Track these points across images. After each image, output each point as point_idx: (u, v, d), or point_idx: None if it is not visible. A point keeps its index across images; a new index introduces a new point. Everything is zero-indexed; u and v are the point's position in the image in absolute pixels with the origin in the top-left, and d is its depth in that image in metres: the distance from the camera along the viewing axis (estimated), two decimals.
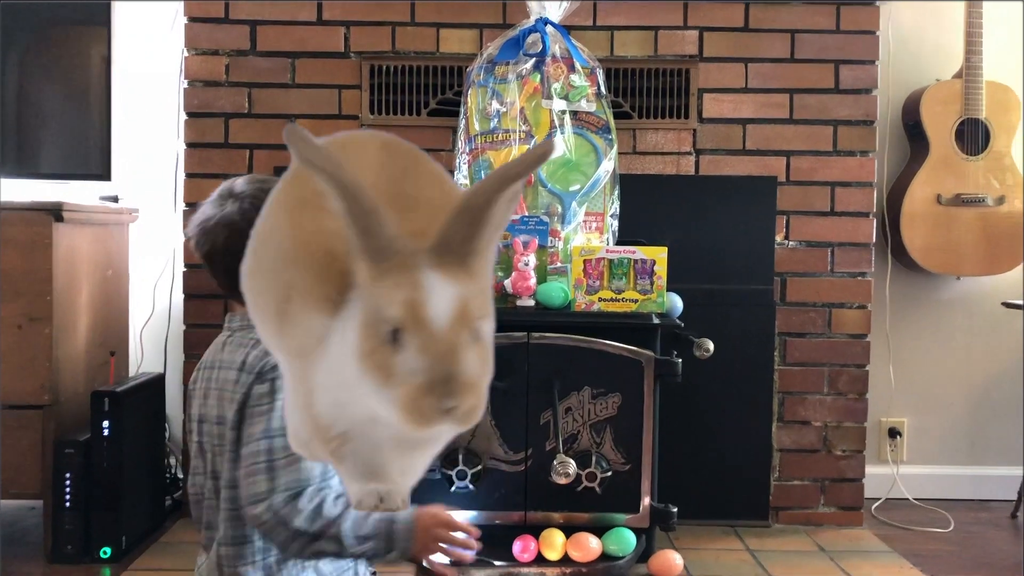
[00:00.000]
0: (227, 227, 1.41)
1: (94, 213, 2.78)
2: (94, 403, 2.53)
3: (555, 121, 2.59)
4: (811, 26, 2.95)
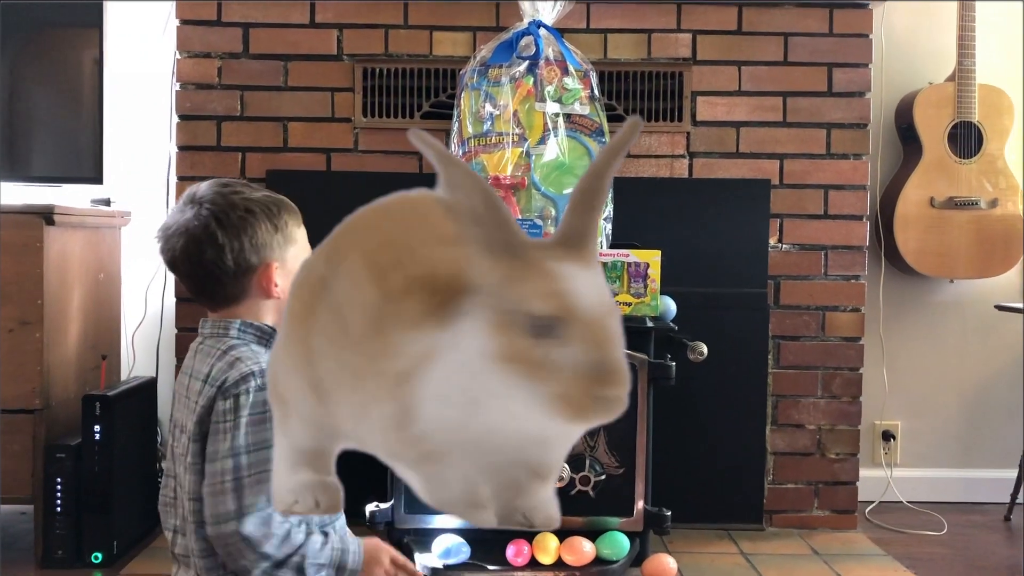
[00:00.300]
0: (183, 235, 1.42)
1: (86, 216, 2.77)
2: (85, 407, 2.51)
3: (548, 124, 2.59)
4: (804, 29, 2.95)
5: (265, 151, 2.93)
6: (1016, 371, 3.27)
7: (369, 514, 2.43)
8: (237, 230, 1.41)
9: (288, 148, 2.94)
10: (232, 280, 1.43)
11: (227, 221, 1.42)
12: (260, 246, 1.42)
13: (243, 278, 1.43)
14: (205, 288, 1.45)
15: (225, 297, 1.45)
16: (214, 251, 1.41)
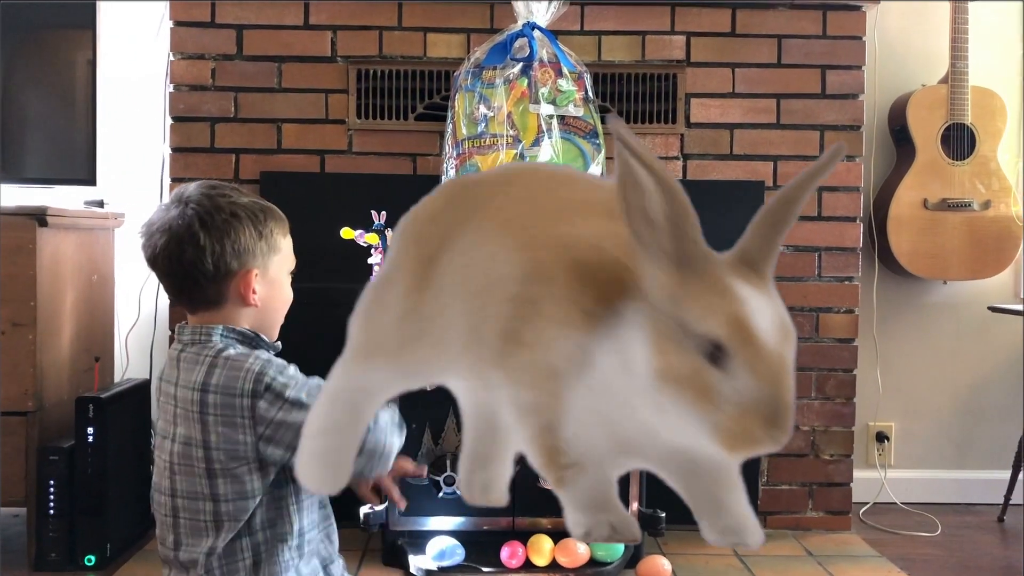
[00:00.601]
0: (166, 232, 1.41)
1: (79, 218, 2.76)
2: (78, 409, 2.51)
3: (543, 126, 2.59)
4: (797, 31, 2.96)
5: (259, 153, 2.92)
6: (1010, 372, 3.27)
7: (364, 516, 2.43)
8: (220, 233, 1.40)
9: (282, 150, 2.93)
10: (210, 283, 1.42)
11: (211, 223, 1.41)
12: (242, 251, 1.41)
13: (222, 282, 1.42)
14: (183, 289, 1.44)
15: (203, 300, 1.44)
16: (194, 251, 1.40)
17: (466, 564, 2.37)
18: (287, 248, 1.48)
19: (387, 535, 2.48)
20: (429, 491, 2.41)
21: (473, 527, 2.44)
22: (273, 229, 1.44)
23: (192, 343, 1.42)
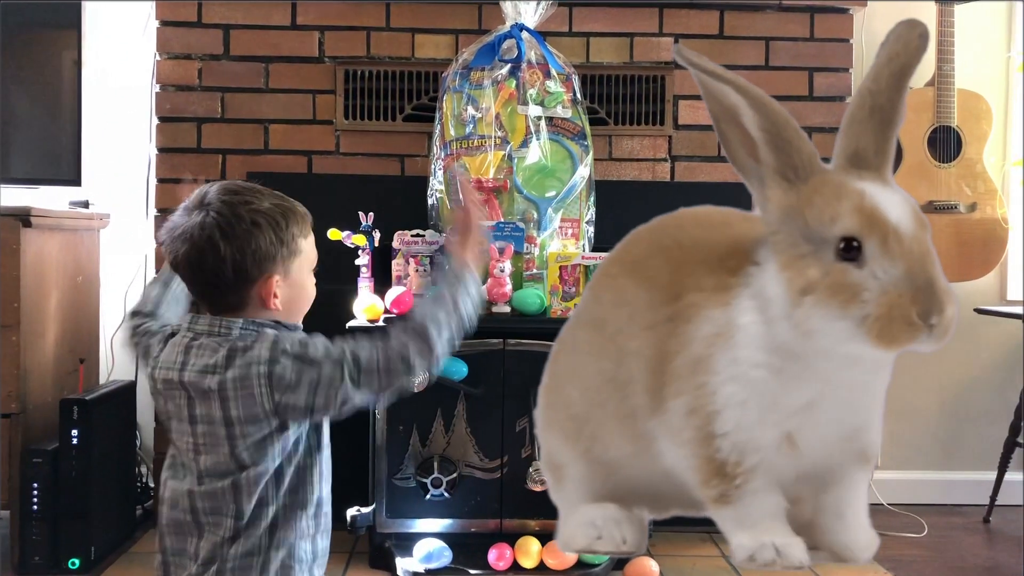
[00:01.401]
0: (187, 240, 1.41)
1: (64, 219, 2.74)
2: (63, 411, 2.49)
3: (531, 127, 2.59)
4: (785, 34, 2.97)
5: (246, 153, 2.91)
6: (995, 374, 3.29)
7: (350, 518, 2.42)
8: (240, 242, 1.40)
9: (269, 150, 2.92)
10: (231, 290, 1.43)
11: (231, 232, 1.40)
12: (262, 259, 1.41)
13: (243, 289, 1.43)
14: (205, 294, 1.45)
15: (225, 304, 1.45)
16: (215, 260, 1.40)
17: (453, 566, 2.36)
18: (308, 248, 1.47)
19: (374, 537, 2.47)
20: (417, 493, 2.40)
21: (460, 529, 2.43)
22: (295, 233, 1.44)
23: (209, 334, 1.42)
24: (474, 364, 2.40)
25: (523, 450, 2.41)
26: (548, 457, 0.82)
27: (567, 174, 2.60)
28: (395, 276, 2.56)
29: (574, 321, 0.80)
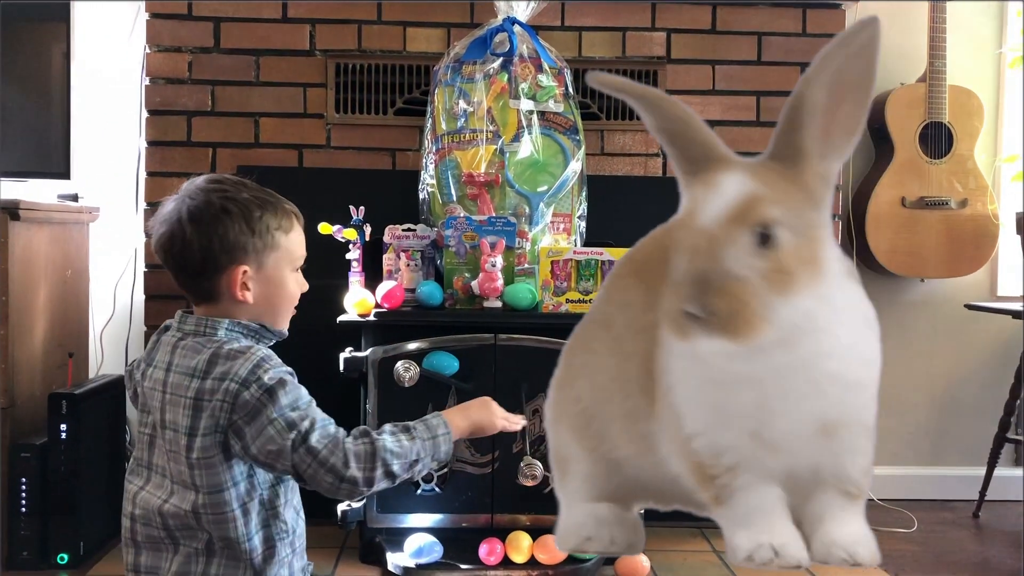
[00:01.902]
0: (163, 224, 1.41)
1: (53, 212, 2.72)
2: (51, 406, 2.48)
3: (523, 121, 2.58)
4: (778, 29, 2.96)
5: (236, 147, 2.90)
6: (985, 370, 3.30)
7: (341, 513, 2.41)
8: (206, 227, 1.39)
9: (259, 144, 2.91)
10: (201, 276, 1.41)
11: (198, 217, 1.40)
12: (230, 247, 1.39)
13: (212, 278, 1.41)
14: (179, 279, 1.45)
15: (199, 293, 1.44)
16: (182, 244, 1.40)
17: (444, 561, 2.36)
18: (289, 245, 1.44)
19: (364, 532, 2.46)
20: (407, 488, 2.40)
21: (451, 524, 2.43)
22: (270, 226, 1.41)
23: (195, 334, 1.41)
24: (465, 359, 2.39)
25: (514, 445, 2.41)
26: (556, 450, 0.82)
27: (559, 169, 2.59)
28: (386, 270, 2.55)
29: (589, 316, 0.81)
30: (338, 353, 2.43)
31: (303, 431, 1.34)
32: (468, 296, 2.46)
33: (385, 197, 2.74)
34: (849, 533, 0.71)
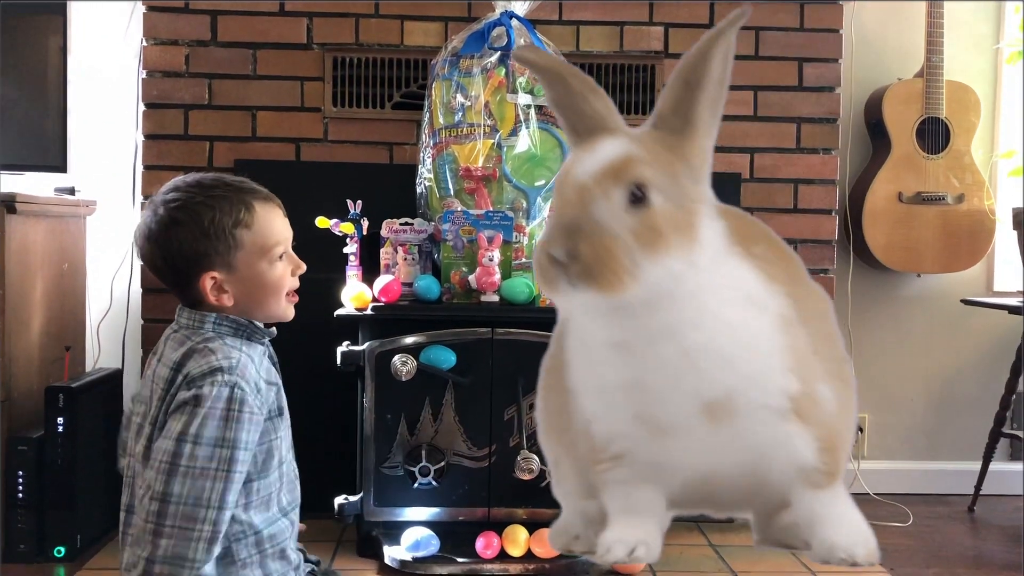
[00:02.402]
0: (138, 246, 1.41)
1: (49, 205, 2.72)
2: (48, 399, 2.48)
3: (520, 115, 2.58)
4: (775, 24, 2.96)
5: (233, 140, 2.89)
6: (981, 365, 3.30)
7: (338, 507, 2.42)
8: (162, 242, 1.37)
9: (257, 137, 2.91)
10: (179, 288, 1.40)
11: (152, 234, 1.39)
12: (191, 257, 1.36)
13: (188, 288, 1.39)
14: (169, 290, 1.43)
15: (186, 301, 1.42)
16: (151, 262, 1.41)
17: (441, 555, 2.36)
18: (257, 237, 1.38)
19: (361, 526, 2.47)
20: (404, 482, 2.40)
21: (448, 518, 2.44)
22: (226, 225, 1.36)
23: (187, 327, 1.41)
24: (463, 353, 2.39)
25: (511, 439, 2.41)
26: (547, 453, 0.82)
27: (556, 163, 2.59)
28: (383, 264, 2.55)
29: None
30: (335, 347, 2.43)
31: (178, 476, 1.26)
32: (465, 290, 2.46)
33: (382, 191, 2.74)
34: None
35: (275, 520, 1.40)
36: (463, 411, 2.42)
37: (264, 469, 1.38)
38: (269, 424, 1.38)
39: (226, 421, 1.30)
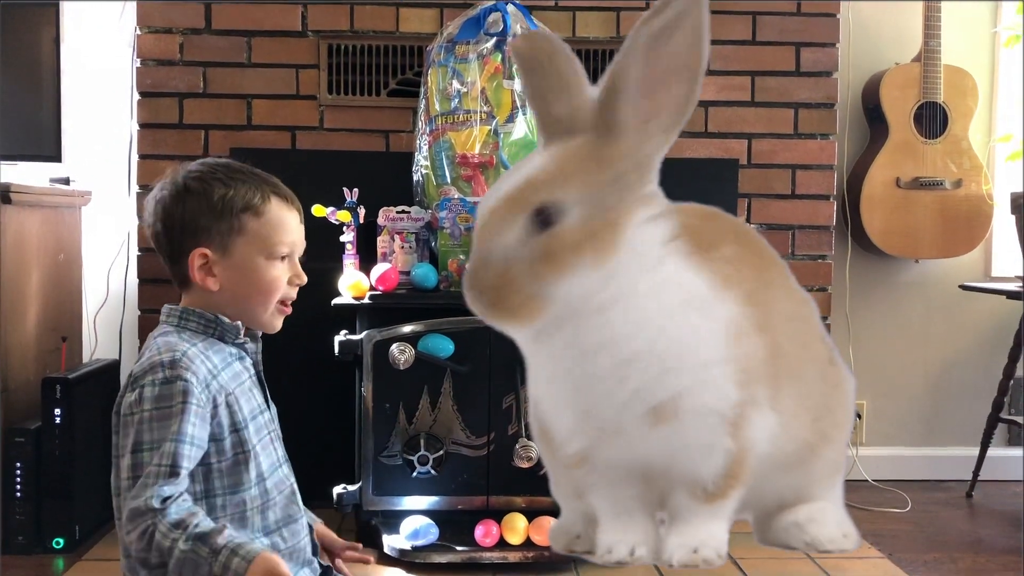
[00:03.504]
0: (144, 215, 1.38)
1: (44, 195, 2.71)
2: (45, 390, 2.47)
3: (517, 102, 2.57)
4: (772, 8, 2.95)
5: (228, 129, 2.88)
6: (979, 350, 3.30)
7: (337, 496, 2.41)
8: (169, 206, 1.33)
9: (252, 126, 2.89)
10: (172, 262, 1.36)
11: (164, 197, 1.34)
12: (190, 228, 1.32)
13: (179, 261, 1.34)
14: (159, 256, 1.40)
15: (176, 279, 1.37)
16: (152, 225, 1.36)
17: (440, 543, 2.36)
18: (263, 229, 1.33)
19: (361, 515, 2.47)
20: (403, 471, 2.40)
21: (447, 506, 2.43)
22: (236, 206, 1.31)
23: (164, 322, 1.38)
24: (461, 341, 2.39)
25: (510, 427, 2.41)
26: (542, 455, 0.82)
27: None
28: (380, 253, 2.54)
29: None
30: (333, 336, 2.42)
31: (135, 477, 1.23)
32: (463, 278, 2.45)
33: (379, 179, 2.73)
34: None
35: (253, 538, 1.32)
36: (461, 400, 2.41)
37: (233, 486, 1.31)
38: (235, 437, 1.32)
39: (169, 419, 1.25)
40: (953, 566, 2.53)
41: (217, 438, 1.30)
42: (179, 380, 1.26)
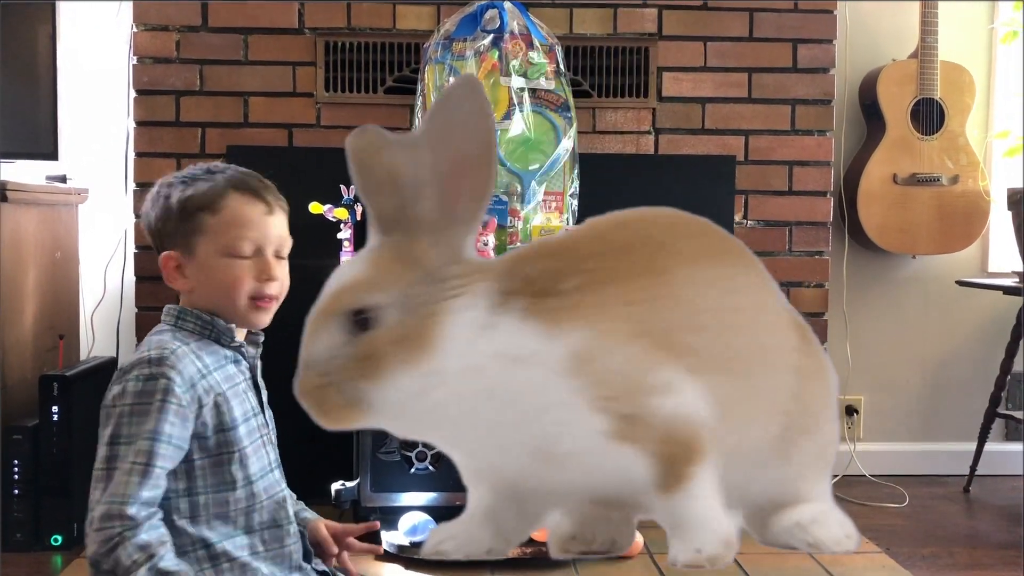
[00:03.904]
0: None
1: (41, 193, 2.70)
2: (42, 388, 2.47)
3: (514, 99, 2.57)
4: (769, 5, 2.95)
5: (225, 127, 2.87)
6: (976, 346, 3.31)
7: (335, 492, 2.42)
8: (148, 215, 1.39)
9: (249, 123, 2.89)
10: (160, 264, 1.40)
11: (146, 206, 1.41)
12: (156, 232, 1.37)
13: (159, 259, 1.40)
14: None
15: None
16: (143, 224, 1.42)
17: None
18: (220, 225, 1.32)
19: (359, 511, 2.47)
20: (401, 467, 2.40)
21: (445, 502, 2.44)
22: (190, 205, 1.32)
23: (163, 321, 1.40)
24: None
25: None
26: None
27: (550, 146, 2.59)
28: None
29: None
30: None
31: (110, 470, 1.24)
32: None
33: None
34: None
35: (233, 536, 1.33)
36: None
37: (217, 485, 1.32)
38: (220, 437, 1.32)
39: (147, 415, 1.26)
40: (951, 561, 2.54)
41: (201, 436, 1.31)
42: (162, 377, 1.27)
